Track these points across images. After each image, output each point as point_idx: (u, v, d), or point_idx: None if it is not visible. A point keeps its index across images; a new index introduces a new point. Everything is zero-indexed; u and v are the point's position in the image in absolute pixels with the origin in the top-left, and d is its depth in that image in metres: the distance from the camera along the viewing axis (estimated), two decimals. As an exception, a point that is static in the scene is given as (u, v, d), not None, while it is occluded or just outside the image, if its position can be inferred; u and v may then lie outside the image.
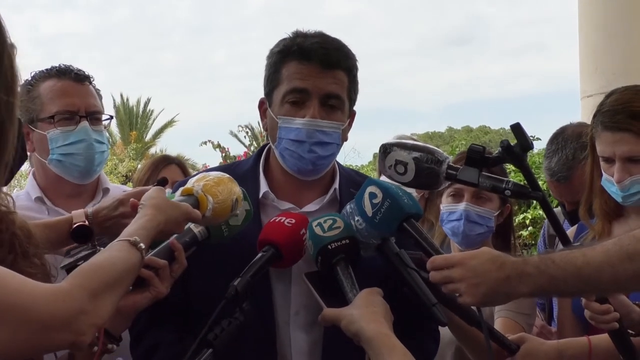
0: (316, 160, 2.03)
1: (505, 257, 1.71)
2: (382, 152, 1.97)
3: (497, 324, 2.49)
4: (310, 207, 2.10)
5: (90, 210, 2.17)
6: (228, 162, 11.63)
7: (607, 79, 5.77)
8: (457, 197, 2.70)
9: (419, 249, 1.85)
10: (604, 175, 2.41)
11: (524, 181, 1.91)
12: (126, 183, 13.86)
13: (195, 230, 1.87)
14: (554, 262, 1.67)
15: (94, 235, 2.13)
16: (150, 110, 33.36)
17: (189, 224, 1.83)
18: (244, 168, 2.16)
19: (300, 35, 2.06)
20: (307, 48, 2.00)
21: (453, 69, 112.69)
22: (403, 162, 1.92)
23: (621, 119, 2.32)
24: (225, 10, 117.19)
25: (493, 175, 1.92)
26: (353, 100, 2.11)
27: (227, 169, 2.18)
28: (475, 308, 1.82)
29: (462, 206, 2.66)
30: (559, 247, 3.19)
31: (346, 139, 2.14)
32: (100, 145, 2.49)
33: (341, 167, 2.21)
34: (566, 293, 1.96)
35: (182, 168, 3.93)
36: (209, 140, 12.11)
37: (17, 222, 1.70)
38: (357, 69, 2.09)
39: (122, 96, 32.95)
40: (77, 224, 2.13)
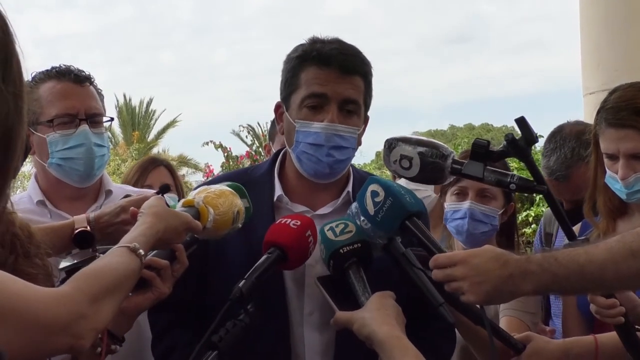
0: (333, 164, 2.05)
1: (508, 255, 1.70)
2: (387, 147, 1.97)
3: (503, 323, 2.49)
4: (324, 210, 2.12)
5: (92, 215, 2.16)
6: (231, 162, 11.63)
7: (610, 75, 5.74)
8: (461, 195, 2.70)
9: (422, 248, 1.84)
10: (608, 172, 2.40)
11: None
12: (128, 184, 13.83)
13: None
14: (556, 259, 1.67)
15: (95, 241, 2.13)
16: (152, 111, 33.40)
17: None
18: (260, 172, 2.19)
19: (318, 41, 2.09)
20: (327, 54, 2.03)
21: (454, 68, 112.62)
22: (408, 156, 1.92)
23: (625, 116, 2.31)
24: (226, 10, 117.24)
25: (498, 170, 1.91)
26: (368, 106, 2.14)
27: (243, 173, 2.25)
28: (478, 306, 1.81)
29: (466, 204, 2.66)
30: (555, 244, 3.21)
31: (360, 144, 2.16)
32: (100, 148, 2.46)
33: (355, 169, 2.23)
34: (569, 291, 1.96)
35: (170, 170, 3.91)
36: (211, 141, 12.10)
37: (17, 222, 1.69)
38: (372, 74, 2.13)
39: (125, 96, 33.01)
40: (79, 229, 2.12)
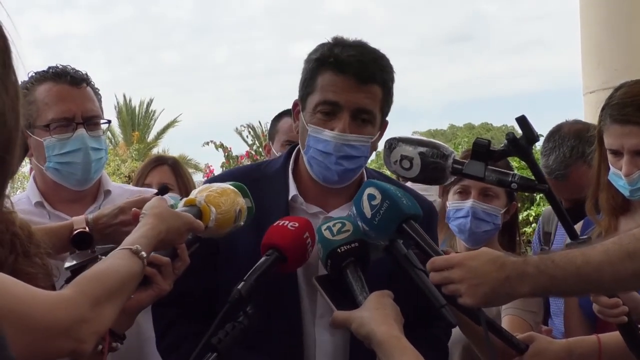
0: (342, 173, 2.03)
1: (505, 257, 1.70)
2: (388, 147, 1.96)
3: (505, 322, 2.49)
4: (339, 213, 2.09)
5: (90, 216, 2.15)
6: (231, 162, 11.60)
7: (610, 74, 5.74)
8: (463, 194, 2.69)
9: (419, 250, 1.83)
10: (612, 168, 2.39)
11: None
12: (129, 184, 13.82)
13: None
14: (553, 261, 1.66)
15: (94, 242, 2.11)
16: (152, 111, 33.35)
17: None
18: (273, 168, 2.16)
19: (339, 44, 2.03)
20: (344, 60, 1.97)
21: (454, 67, 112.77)
22: (408, 157, 1.92)
23: (630, 112, 2.30)
24: (227, 10, 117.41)
25: (499, 169, 1.91)
26: (385, 113, 2.09)
27: (255, 168, 2.22)
28: None
29: (469, 203, 2.66)
30: (554, 243, 3.21)
31: (376, 148, 2.13)
32: (97, 152, 2.45)
33: (369, 172, 2.20)
34: (567, 292, 1.96)
35: (174, 169, 3.85)
36: (211, 141, 12.08)
37: (17, 221, 1.69)
38: (393, 81, 2.07)
39: (125, 96, 32.99)
40: (78, 230, 2.11)
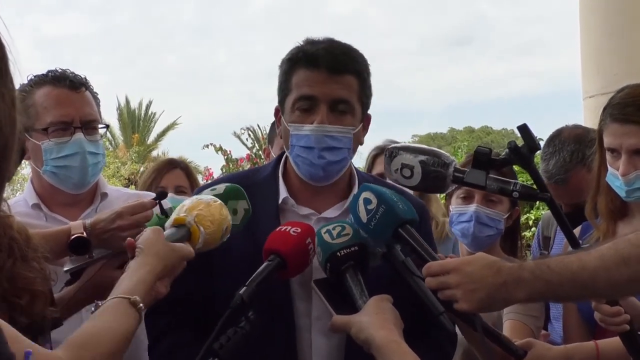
0: (326, 166, 2.03)
1: (501, 262, 1.70)
2: (388, 156, 1.95)
3: (506, 327, 2.49)
4: (331, 213, 2.09)
5: (88, 221, 2.14)
6: (230, 165, 11.59)
7: (609, 79, 5.76)
8: (467, 199, 2.69)
9: (415, 255, 1.82)
10: (609, 169, 2.39)
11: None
12: (128, 186, 13.83)
13: None
14: (549, 267, 1.66)
15: (91, 247, 2.10)
16: (152, 113, 33.37)
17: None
18: (263, 174, 2.17)
19: (308, 42, 2.07)
20: (314, 54, 2.01)
21: (454, 69, 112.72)
22: (409, 165, 1.91)
23: (631, 112, 2.31)
24: (227, 12, 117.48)
25: (500, 178, 1.90)
26: (365, 104, 2.10)
27: (245, 176, 2.21)
28: None
29: (472, 208, 2.65)
30: (553, 248, 3.20)
31: (361, 143, 2.14)
32: (94, 156, 2.45)
33: (360, 173, 2.21)
34: (563, 298, 1.96)
35: (186, 172, 3.88)
36: (211, 144, 12.05)
37: (15, 225, 1.68)
38: (368, 72, 2.09)
39: (125, 99, 33.00)
40: (75, 235, 2.10)
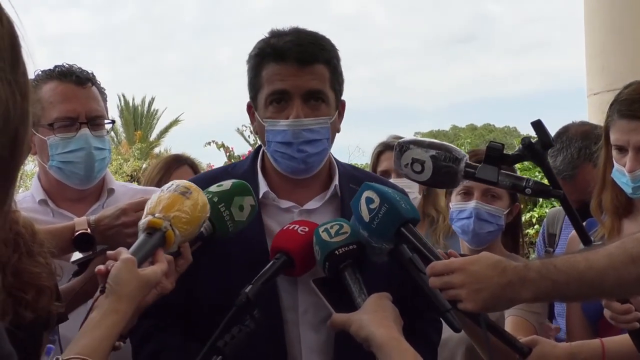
0: (307, 159, 2.01)
1: (506, 262, 1.68)
2: (398, 150, 1.92)
3: (508, 323, 2.48)
4: (312, 205, 2.08)
5: (92, 218, 2.13)
6: (233, 162, 11.61)
7: (614, 77, 5.76)
8: (467, 195, 2.68)
9: (418, 255, 1.81)
10: (616, 165, 2.37)
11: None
12: (131, 182, 13.83)
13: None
14: (555, 266, 1.65)
15: (96, 243, 2.10)
16: (154, 110, 33.35)
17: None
18: (242, 169, 2.15)
19: (274, 35, 2.04)
20: (282, 48, 1.98)
21: (458, 68, 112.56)
22: (420, 160, 1.88)
23: (638, 108, 2.29)
24: (230, 10, 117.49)
25: (513, 174, 1.89)
26: (339, 91, 2.08)
27: (224, 171, 2.20)
28: None
29: (472, 204, 2.65)
30: (558, 245, 3.20)
31: (338, 131, 2.12)
32: (100, 152, 2.45)
33: (339, 163, 2.19)
34: (570, 297, 1.95)
35: (194, 169, 3.87)
36: (213, 141, 12.06)
37: (20, 220, 1.68)
38: (338, 59, 2.07)
39: (127, 96, 32.99)
40: (80, 232, 2.09)
